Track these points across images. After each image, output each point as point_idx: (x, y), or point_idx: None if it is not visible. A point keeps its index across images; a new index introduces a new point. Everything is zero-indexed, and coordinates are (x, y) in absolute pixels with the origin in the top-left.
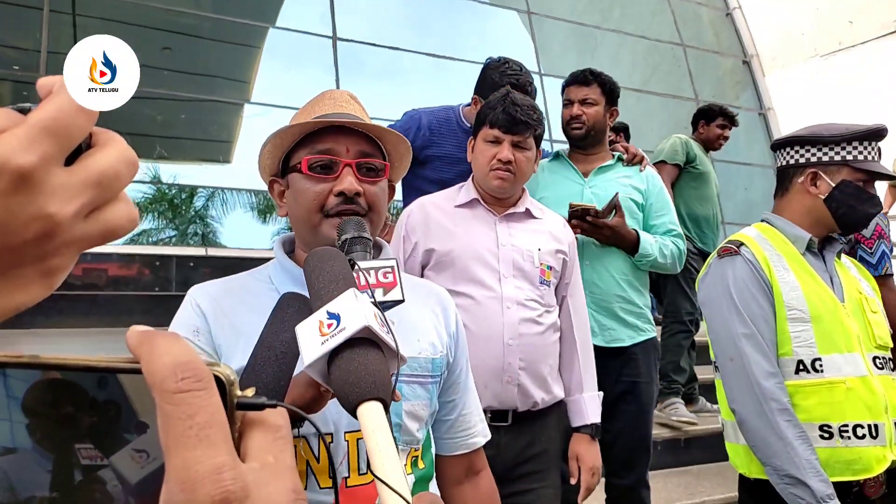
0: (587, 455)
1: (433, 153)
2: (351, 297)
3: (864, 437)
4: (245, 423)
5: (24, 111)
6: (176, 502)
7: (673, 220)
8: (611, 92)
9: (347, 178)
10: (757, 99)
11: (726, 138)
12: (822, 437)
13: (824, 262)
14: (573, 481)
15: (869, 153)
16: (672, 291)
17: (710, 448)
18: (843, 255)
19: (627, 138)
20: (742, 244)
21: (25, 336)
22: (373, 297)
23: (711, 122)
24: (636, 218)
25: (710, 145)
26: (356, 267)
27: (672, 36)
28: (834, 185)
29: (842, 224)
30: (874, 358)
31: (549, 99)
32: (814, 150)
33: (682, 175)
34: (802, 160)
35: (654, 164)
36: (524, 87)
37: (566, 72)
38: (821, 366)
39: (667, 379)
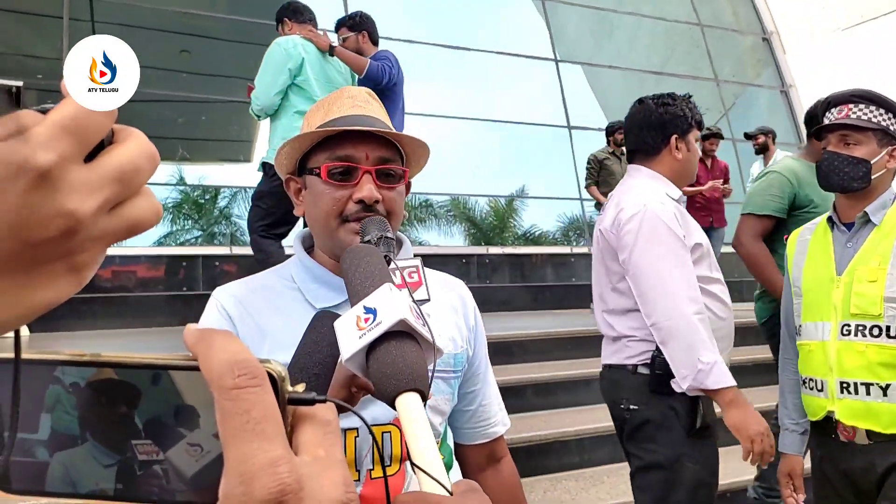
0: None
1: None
2: (387, 291)
3: (812, 389)
4: (296, 417)
5: (45, 112)
6: (235, 493)
7: None
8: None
9: (367, 185)
10: (778, 76)
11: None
12: (802, 385)
13: (849, 234)
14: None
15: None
16: None
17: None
18: None
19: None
20: (791, 236)
21: (61, 339)
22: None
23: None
24: None
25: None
26: (391, 261)
27: (689, 16)
28: None
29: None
30: (843, 325)
31: (566, 85)
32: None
33: (779, 227)
34: None
35: (742, 217)
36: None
37: (582, 57)
38: (800, 331)
39: None
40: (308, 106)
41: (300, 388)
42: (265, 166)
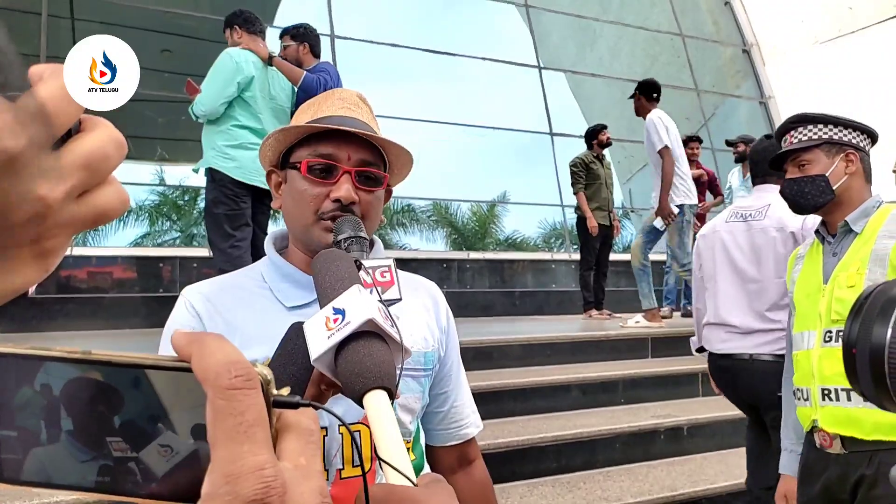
0: None
1: None
2: (355, 292)
3: (800, 399)
4: (281, 424)
5: (13, 99)
6: (220, 493)
7: None
8: None
9: (345, 185)
10: (758, 87)
11: None
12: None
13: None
14: None
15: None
16: None
17: (712, 436)
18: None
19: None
20: (792, 253)
21: (34, 340)
22: (376, 292)
23: None
24: None
25: None
26: (361, 266)
27: (671, 26)
28: None
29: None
30: (826, 332)
31: (549, 92)
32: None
33: None
34: None
35: None
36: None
37: (565, 65)
38: (793, 342)
39: None
40: (250, 121)
41: (285, 391)
42: (211, 172)
